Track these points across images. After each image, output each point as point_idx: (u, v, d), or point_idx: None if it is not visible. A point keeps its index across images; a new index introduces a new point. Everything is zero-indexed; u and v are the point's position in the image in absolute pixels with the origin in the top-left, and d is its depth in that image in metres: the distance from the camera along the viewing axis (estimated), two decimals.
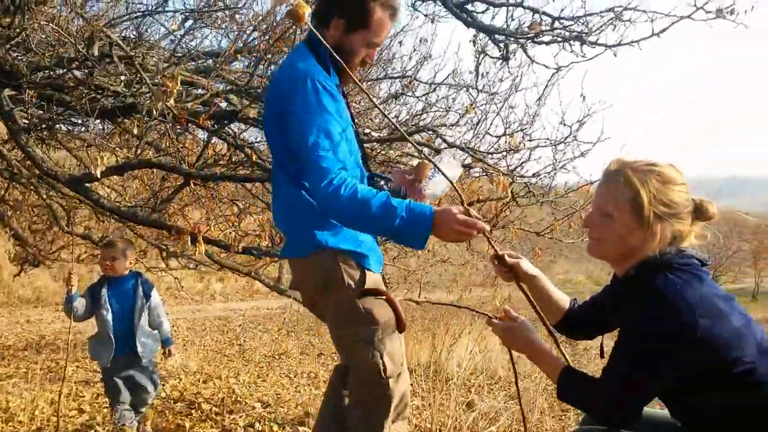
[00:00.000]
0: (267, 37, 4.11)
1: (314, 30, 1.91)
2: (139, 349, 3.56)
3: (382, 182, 2.22)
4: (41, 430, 3.90)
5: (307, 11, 1.85)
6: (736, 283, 24.27)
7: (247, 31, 4.42)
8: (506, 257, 1.99)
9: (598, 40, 3.12)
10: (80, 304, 3.48)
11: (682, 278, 1.55)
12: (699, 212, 1.65)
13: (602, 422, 1.66)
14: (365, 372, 2.13)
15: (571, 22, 3.17)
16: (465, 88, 4.14)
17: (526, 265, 1.99)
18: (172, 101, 2.73)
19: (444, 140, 4.18)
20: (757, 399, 1.52)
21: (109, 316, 3.53)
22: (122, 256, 3.56)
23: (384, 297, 2.05)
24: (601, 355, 2.12)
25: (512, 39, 3.21)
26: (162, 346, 3.77)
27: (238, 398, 4.85)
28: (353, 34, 2.02)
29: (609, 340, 1.99)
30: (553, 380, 1.74)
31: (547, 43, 3.20)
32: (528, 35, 3.17)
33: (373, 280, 2.08)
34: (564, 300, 2.02)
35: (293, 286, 2.25)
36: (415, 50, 4.32)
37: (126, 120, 4.03)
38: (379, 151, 4.12)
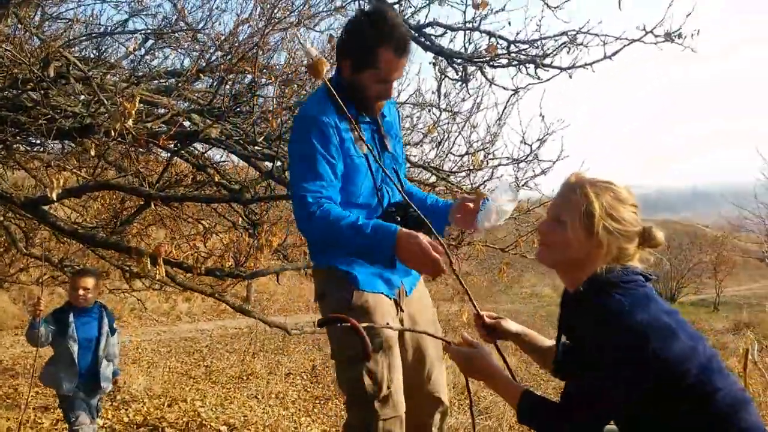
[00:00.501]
0: (229, 57, 4.11)
1: (327, 83, 2.01)
2: (102, 379, 3.66)
3: (397, 215, 2.19)
4: None
5: (326, 67, 1.95)
6: (697, 294, 24.86)
7: (210, 51, 4.40)
8: (486, 318, 2.00)
9: (552, 62, 3.22)
10: (45, 330, 3.47)
11: (630, 298, 1.58)
12: (646, 237, 1.69)
13: None
14: (348, 391, 2.21)
15: (527, 46, 3.27)
16: (428, 108, 4.19)
17: (509, 325, 2.01)
18: (130, 122, 2.69)
19: (407, 160, 4.21)
20: (703, 413, 1.55)
21: (75, 346, 3.57)
22: (94, 287, 3.64)
23: (347, 324, 2.02)
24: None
25: (470, 62, 3.28)
26: (112, 376, 3.84)
27: (204, 422, 4.77)
28: (362, 72, 2.10)
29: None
30: (513, 405, 1.74)
31: (504, 66, 3.28)
32: (484, 58, 3.24)
33: (363, 299, 2.15)
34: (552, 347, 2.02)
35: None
36: None
37: (86, 141, 3.97)
38: None
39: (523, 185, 4.41)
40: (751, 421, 1.57)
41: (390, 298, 2.23)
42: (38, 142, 4.94)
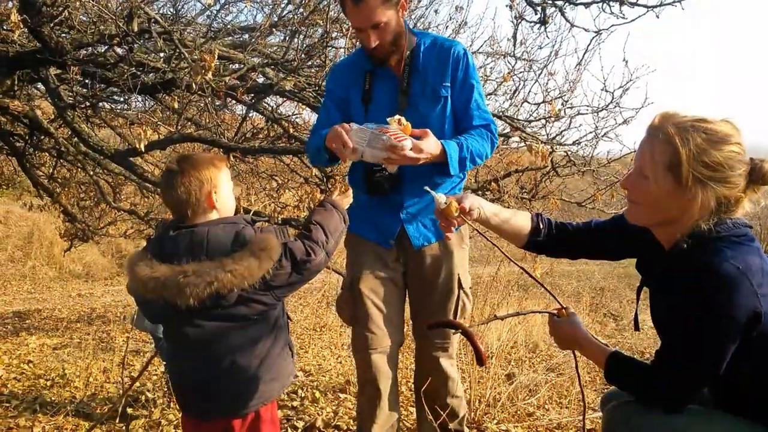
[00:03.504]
0: (301, 11, 4.11)
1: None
2: None
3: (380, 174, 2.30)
4: (95, 395, 4.08)
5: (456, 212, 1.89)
6: None
7: (282, 5, 4.42)
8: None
9: (638, 0, 3.00)
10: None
11: (741, 258, 1.39)
12: (756, 176, 1.44)
13: (659, 406, 1.52)
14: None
15: None
16: (502, 56, 4.06)
17: (473, 202, 1.83)
18: (210, 75, 2.76)
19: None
20: None
21: None
22: None
23: (459, 330, 1.89)
24: (636, 328, 1.98)
25: (550, 2, 3.12)
26: None
27: None
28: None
29: (644, 315, 1.89)
30: (600, 364, 1.65)
31: (585, 5, 3.09)
32: None
33: (348, 240, 2.38)
34: (524, 221, 1.92)
35: None
36: (451, 18, 4.26)
37: (167, 96, 4.11)
38: None
39: (603, 136, 4.22)
40: None
41: (381, 246, 2.30)
42: (122, 99, 5.17)
